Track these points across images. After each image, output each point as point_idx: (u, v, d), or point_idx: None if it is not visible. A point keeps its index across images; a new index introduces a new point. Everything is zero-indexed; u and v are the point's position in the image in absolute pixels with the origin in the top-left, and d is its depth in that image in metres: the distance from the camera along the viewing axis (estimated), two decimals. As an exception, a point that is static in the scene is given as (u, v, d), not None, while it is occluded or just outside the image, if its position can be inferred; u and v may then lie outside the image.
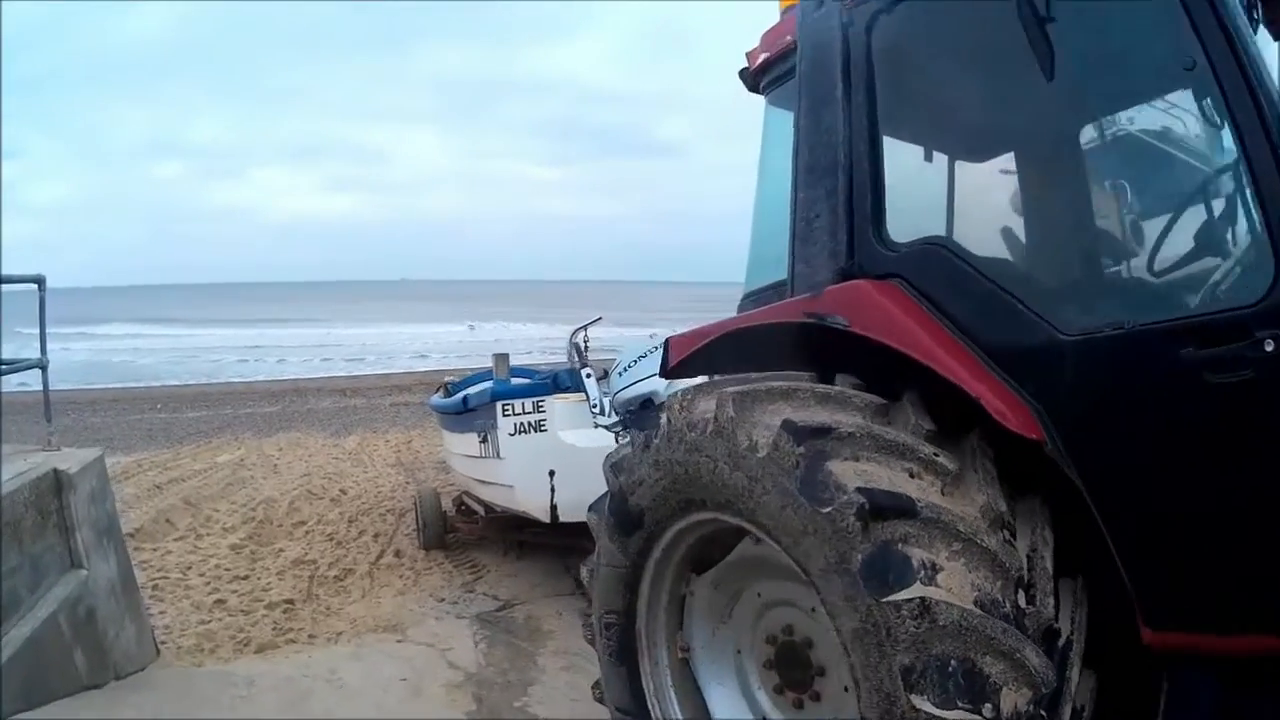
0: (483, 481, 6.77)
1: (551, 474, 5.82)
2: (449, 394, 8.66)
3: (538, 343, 35.42)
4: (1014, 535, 2.45)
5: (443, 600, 6.33)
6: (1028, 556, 2.45)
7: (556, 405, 6.01)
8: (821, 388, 2.71)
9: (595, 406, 5.39)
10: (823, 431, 2.43)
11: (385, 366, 32.27)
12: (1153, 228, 2.76)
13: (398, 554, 7.38)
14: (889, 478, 2.38)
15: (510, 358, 6.85)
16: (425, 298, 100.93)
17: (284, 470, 11.74)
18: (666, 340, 3.44)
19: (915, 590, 2.16)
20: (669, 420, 2.81)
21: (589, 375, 5.56)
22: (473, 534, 7.53)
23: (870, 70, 2.96)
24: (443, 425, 8.37)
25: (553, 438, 5.92)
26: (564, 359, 9.39)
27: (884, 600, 2.17)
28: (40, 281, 5.33)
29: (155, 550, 7.53)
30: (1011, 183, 3.17)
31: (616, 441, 5.19)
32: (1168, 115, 2.87)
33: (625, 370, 4.98)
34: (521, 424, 5.89)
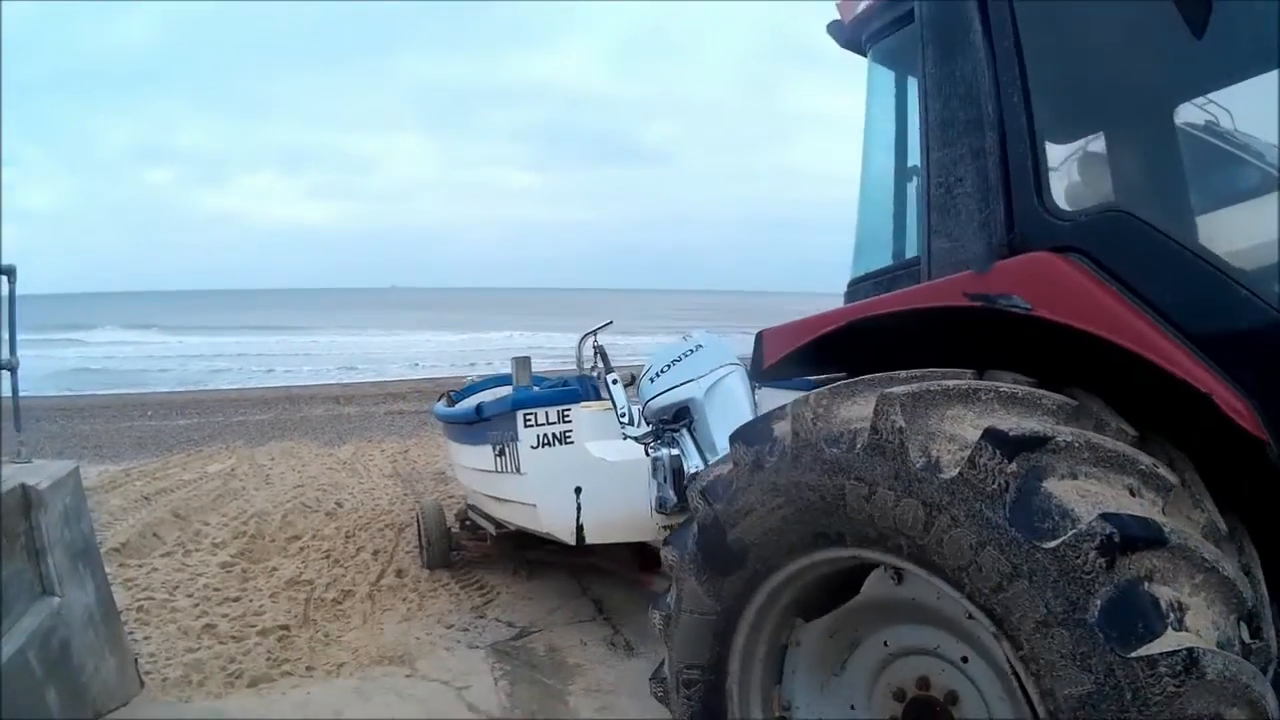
0: (499, 499, 6.14)
1: (578, 491, 5.26)
2: (452, 402, 8.10)
3: (546, 350, 35.04)
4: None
5: (452, 627, 5.70)
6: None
7: (584, 415, 5.43)
8: (1005, 387, 2.14)
9: (624, 415, 4.82)
10: (1037, 443, 1.89)
11: (378, 374, 31.73)
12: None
13: (399, 574, 6.74)
14: (1114, 498, 1.84)
15: (532, 363, 6.21)
16: (417, 305, 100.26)
17: (276, 481, 11.11)
18: (759, 335, 2.89)
19: (1171, 639, 1.67)
20: (794, 432, 2.22)
21: (615, 381, 4.98)
22: (481, 553, 6.91)
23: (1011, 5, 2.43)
24: (449, 436, 7.76)
25: (579, 451, 5.36)
26: (568, 366, 9.00)
27: (1134, 656, 1.67)
28: (10, 272, 4.65)
29: (141, 567, 6.90)
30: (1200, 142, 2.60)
31: (647, 454, 4.67)
32: None
33: (658, 375, 4.47)
34: (545, 435, 5.29)
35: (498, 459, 5.77)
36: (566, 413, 5.37)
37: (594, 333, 6.21)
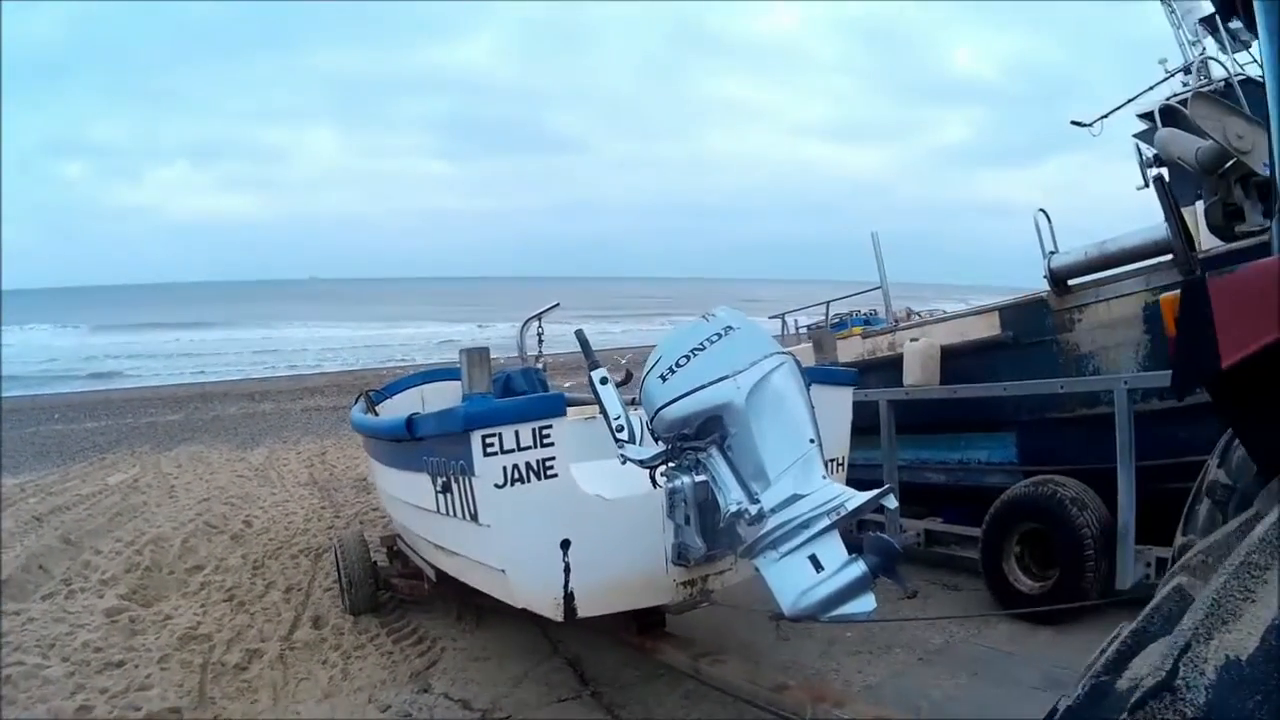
0: (445, 550, 4.30)
1: (565, 546, 3.55)
2: (372, 405, 6.53)
3: (470, 342, 33.56)
4: None
5: (388, 710, 4.21)
6: None
7: (569, 430, 3.68)
8: None
9: (620, 430, 3.39)
10: None
11: (295, 368, 30.04)
12: None
13: (317, 622, 5.38)
14: None
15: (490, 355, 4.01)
16: (336, 297, 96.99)
17: (181, 494, 9.73)
18: (1198, 283, 1.44)
19: None
20: None
21: (605, 380, 3.47)
22: (415, 595, 5.33)
23: None
24: (370, 452, 5.94)
25: (566, 486, 3.57)
26: (506, 355, 7.19)
27: None
28: None
29: (17, 616, 5.58)
30: None
31: (655, 484, 3.54)
32: None
33: (674, 371, 3.18)
34: (517, 468, 3.47)
35: (441, 496, 3.91)
36: (546, 431, 3.51)
37: (538, 316, 5.10)
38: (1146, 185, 6.57)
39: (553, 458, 3.50)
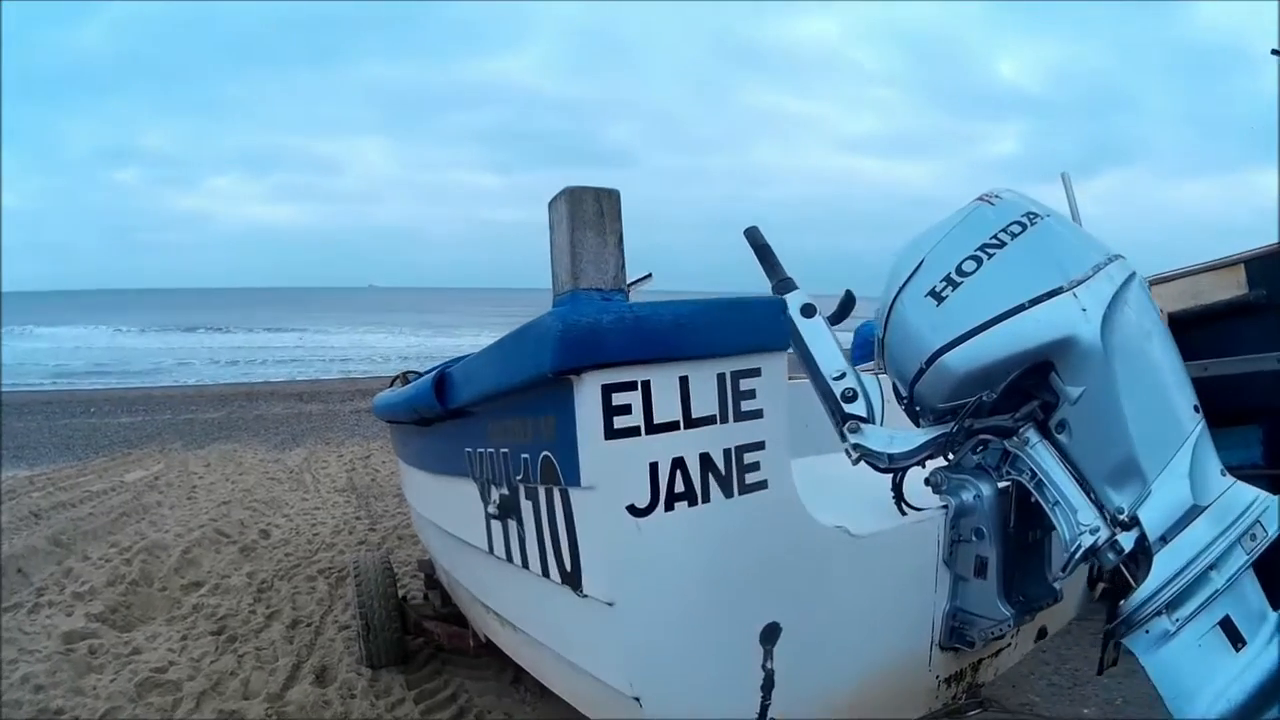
0: (504, 622, 2.57)
1: (771, 637, 1.84)
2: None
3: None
4: None
5: None
6: None
7: (782, 388, 1.86)
8: None
9: (848, 397, 2.03)
10: None
11: (349, 370, 29.18)
12: None
13: (321, 676, 3.90)
14: None
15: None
16: (395, 304, 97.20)
17: (201, 495, 8.61)
18: None
19: None
20: None
21: (810, 311, 2.15)
22: (457, 645, 3.70)
23: None
24: (398, 452, 4.37)
25: (783, 509, 1.85)
26: None
27: None
28: None
29: (-29, 630, 4.52)
30: None
31: (903, 508, 2.13)
32: None
33: (955, 281, 1.93)
34: (681, 469, 1.71)
35: (497, 526, 2.22)
36: (749, 384, 1.79)
37: (625, 291, 3.80)
38: None
39: (760, 445, 1.79)
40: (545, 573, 1.97)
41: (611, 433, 1.66)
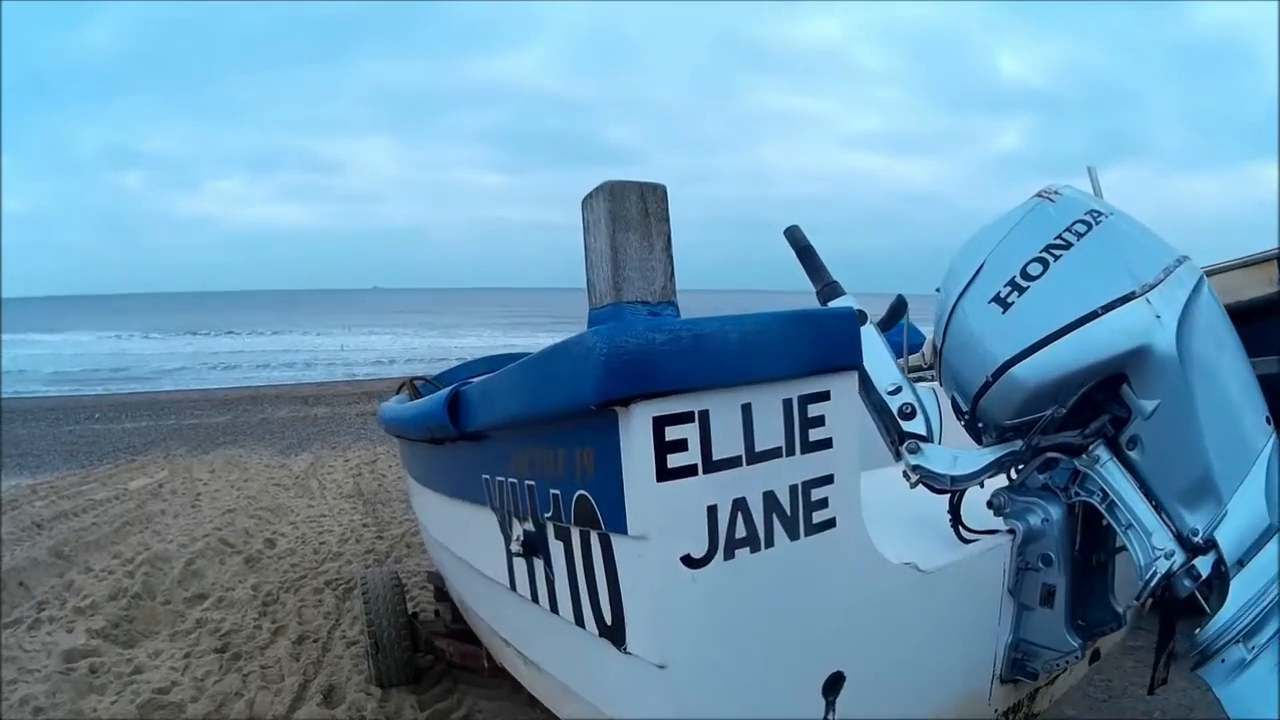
0: (530, 664, 2.29)
1: (835, 687, 1.64)
2: (416, 395, 4.40)
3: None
4: None
5: None
6: None
7: (853, 407, 1.67)
8: None
9: (906, 413, 1.88)
10: None
11: (354, 373, 29.06)
12: None
13: (329, 696, 3.73)
14: None
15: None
16: (400, 305, 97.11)
17: (206, 503, 8.49)
18: None
19: None
20: None
21: (862, 318, 1.89)
22: (470, 664, 3.44)
23: None
24: (406, 468, 4.07)
25: (854, 548, 1.65)
26: None
27: None
28: None
29: (-30, 649, 4.40)
30: None
31: (962, 534, 1.98)
32: None
33: (1021, 285, 1.78)
34: (742, 512, 1.49)
35: (523, 565, 1.98)
36: (818, 410, 1.57)
37: None
38: None
39: (828, 479, 1.59)
40: (579, 621, 1.73)
41: (665, 473, 1.42)
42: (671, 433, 1.42)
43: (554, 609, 1.84)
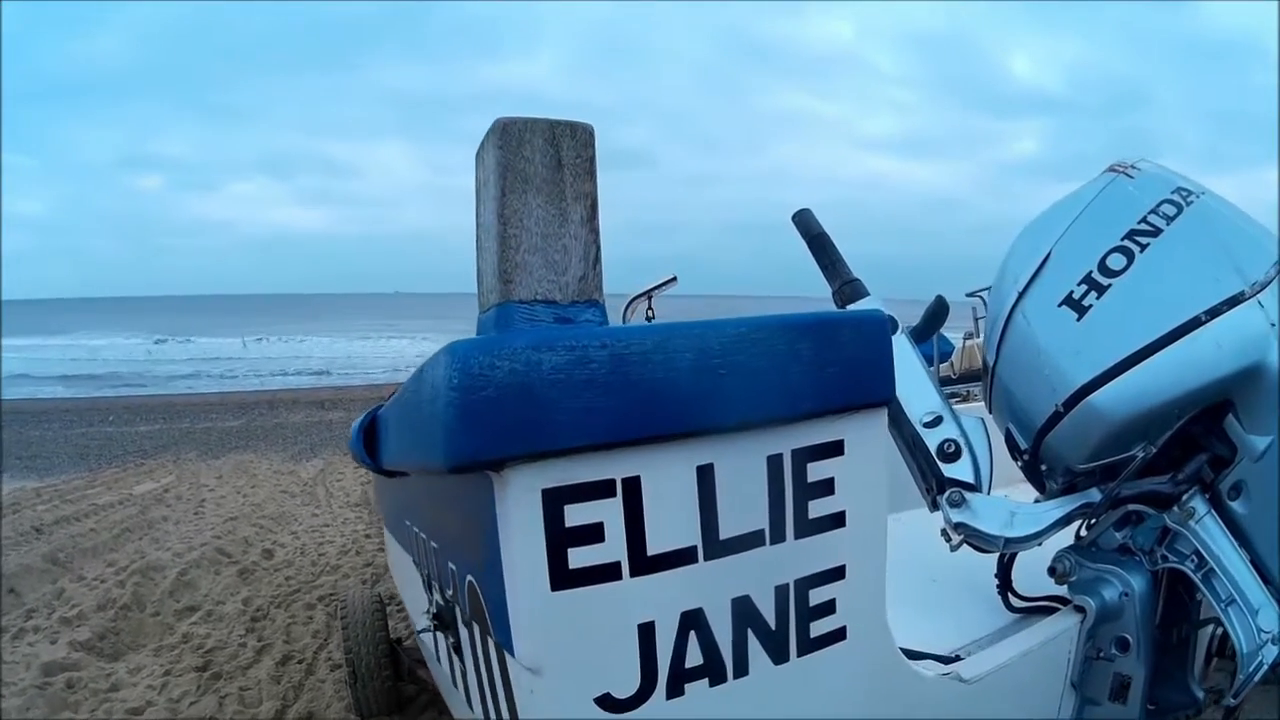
0: None
1: None
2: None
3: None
4: None
5: None
6: None
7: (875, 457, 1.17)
8: None
9: (947, 453, 1.44)
10: None
11: (373, 378, 29.03)
12: None
13: None
14: None
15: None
16: (421, 310, 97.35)
17: (210, 509, 8.39)
18: None
19: None
20: None
21: (893, 325, 1.51)
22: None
23: None
24: (388, 524, 3.44)
25: (877, 661, 1.23)
26: None
27: None
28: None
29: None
30: None
31: (1012, 602, 1.68)
32: None
33: (1100, 283, 1.37)
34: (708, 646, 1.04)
35: (443, 641, 1.58)
36: (824, 466, 1.10)
37: (649, 294, 3.44)
38: None
39: (838, 573, 1.13)
40: None
41: (565, 577, 0.96)
42: (575, 514, 0.95)
43: (469, 703, 1.46)
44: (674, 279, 4.16)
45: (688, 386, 0.96)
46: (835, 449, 1.08)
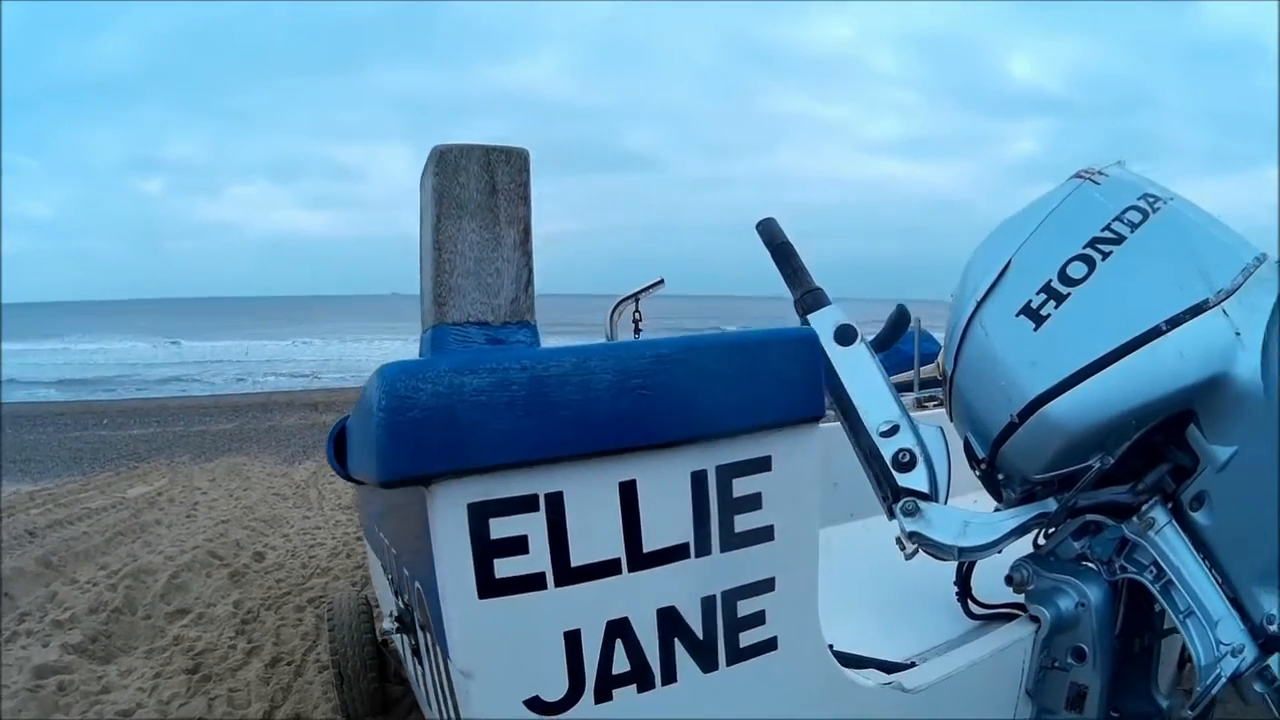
0: None
1: None
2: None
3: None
4: None
5: None
6: None
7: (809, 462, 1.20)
8: None
9: (902, 462, 1.46)
10: None
11: (365, 379, 29.13)
12: None
13: None
14: None
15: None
16: (416, 312, 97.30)
17: (202, 513, 8.47)
18: None
19: None
20: None
21: (850, 335, 1.53)
22: None
23: None
24: (364, 529, 3.49)
25: (809, 670, 1.27)
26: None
27: None
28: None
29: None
30: None
31: (971, 609, 1.71)
32: None
33: (1060, 291, 1.38)
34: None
35: (408, 642, 1.61)
36: (750, 481, 1.14)
37: (636, 296, 3.52)
38: None
39: (767, 585, 1.18)
40: None
41: (492, 586, 1.02)
42: (500, 527, 1.01)
43: (428, 704, 1.53)
44: (661, 281, 4.24)
45: (607, 406, 1.01)
46: (763, 464, 1.12)
